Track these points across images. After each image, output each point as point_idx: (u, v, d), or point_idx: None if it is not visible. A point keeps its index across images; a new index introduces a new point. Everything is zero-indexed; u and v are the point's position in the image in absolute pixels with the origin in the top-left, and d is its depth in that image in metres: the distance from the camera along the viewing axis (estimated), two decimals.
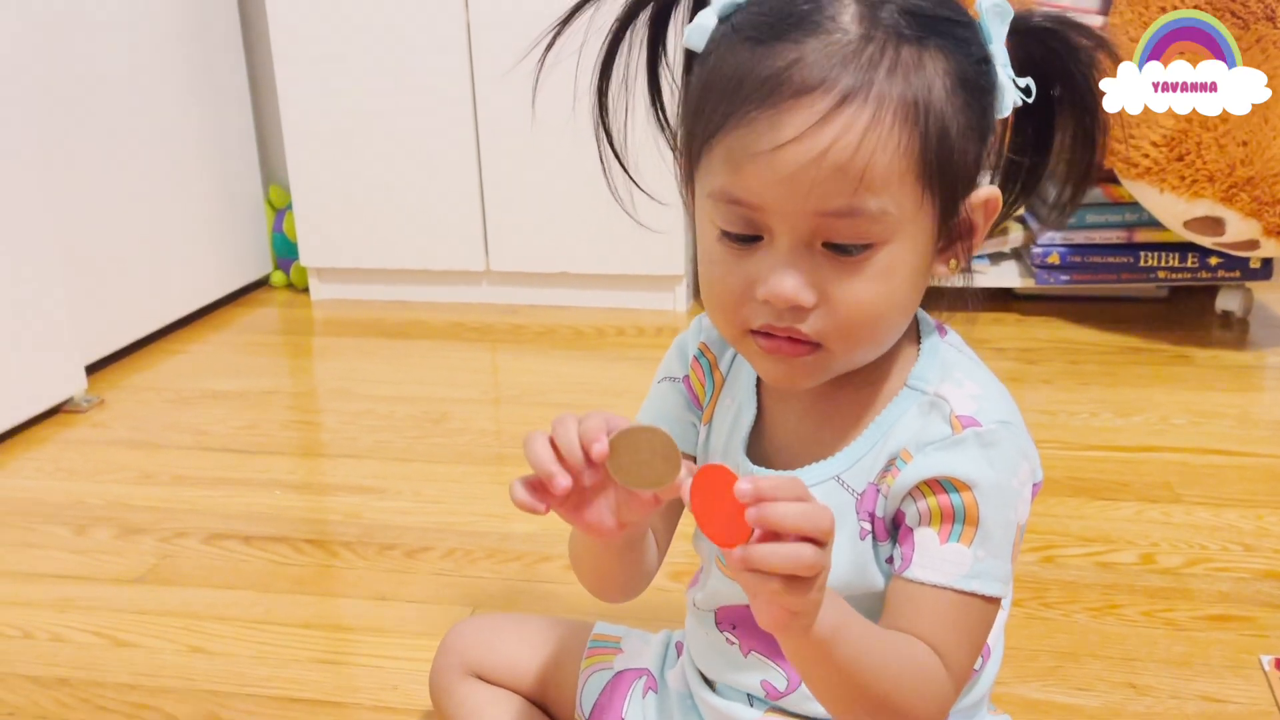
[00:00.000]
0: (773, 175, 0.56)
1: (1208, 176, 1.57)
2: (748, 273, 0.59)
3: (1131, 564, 1.14)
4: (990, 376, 0.66)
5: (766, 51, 0.56)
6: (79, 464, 1.45)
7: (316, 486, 1.40)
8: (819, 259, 0.58)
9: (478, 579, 1.15)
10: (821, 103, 0.55)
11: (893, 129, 0.55)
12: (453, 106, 1.93)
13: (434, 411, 1.58)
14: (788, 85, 0.55)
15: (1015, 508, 0.62)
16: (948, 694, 0.61)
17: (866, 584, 0.65)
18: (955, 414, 0.62)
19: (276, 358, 1.91)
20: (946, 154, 0.57)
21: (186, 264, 1.98)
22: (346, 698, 0.97)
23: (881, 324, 0.61)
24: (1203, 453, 1.38)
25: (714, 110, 0.58)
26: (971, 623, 0.62)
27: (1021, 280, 1.88)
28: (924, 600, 0.61)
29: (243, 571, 1.18)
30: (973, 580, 0.61)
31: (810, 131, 0.55)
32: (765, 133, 0.56)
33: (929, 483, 0.61)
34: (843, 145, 0.55)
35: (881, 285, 0.58)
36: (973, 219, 0.62)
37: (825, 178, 0.55)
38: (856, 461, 0.65)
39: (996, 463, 0.61)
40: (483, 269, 2.03)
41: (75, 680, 1.00)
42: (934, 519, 0.61)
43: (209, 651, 1.04)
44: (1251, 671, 0.96)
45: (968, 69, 0.58)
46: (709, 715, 0.73)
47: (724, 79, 0.58)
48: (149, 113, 1.88)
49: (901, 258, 0.58)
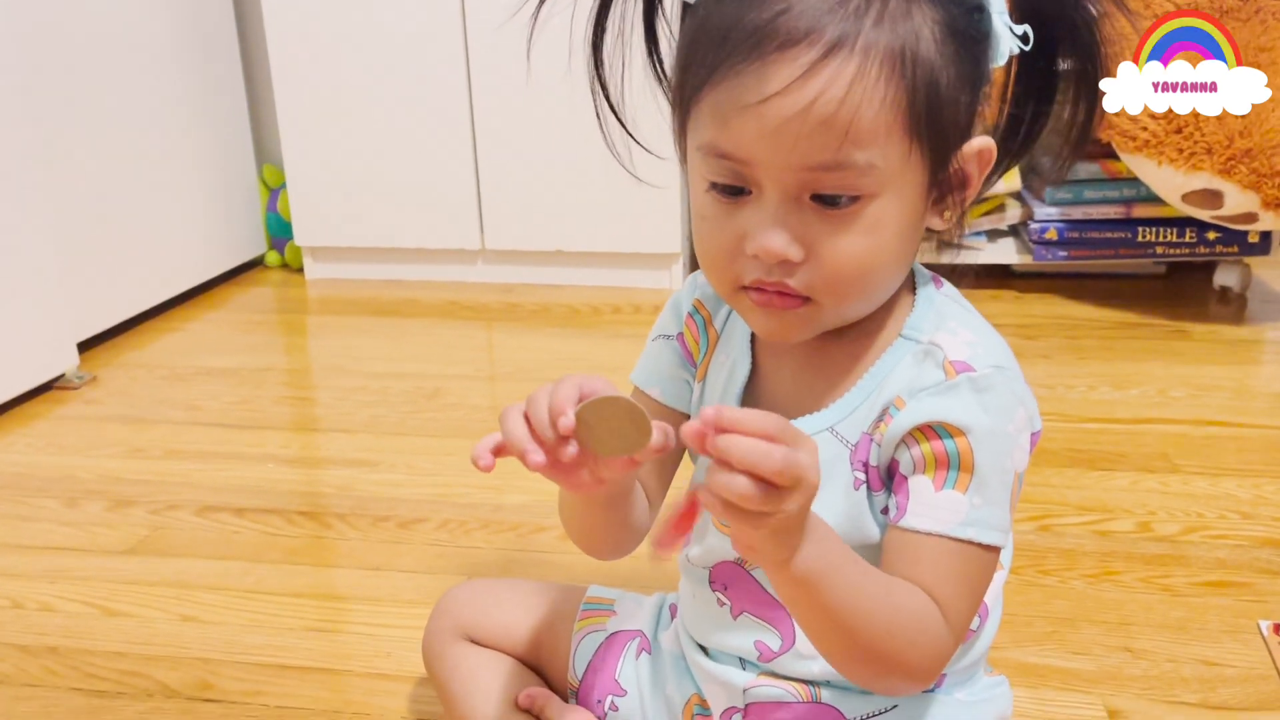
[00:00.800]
0: (759, 128, 0.55)
1: (1206, 149, 1.56)
2: (738, 227, 0.59)
3: (1129, 532, 1.13)
4: (986, 325, 0.65)
5: (754, 2, 0.55)
6: (70, 439, 1.45)
7: (309, 460, 1.40)
8: (807, 213, 0.57)
9: (472, 549, 1.14)
10: (807, 54, 0.54)
11: (879, 81, 0.54)
12: (447, 85, 1.92)
13: (428, 387, 1.57)
14: (773, 37, 0.54)
15: (1011, 455, 0.61)
16: (945, 646, 0.60)
17: (861, 535, 0.64)
18: (949, 359, 0.61)
19: (270, 335, 1.90)
20: (936, 105, 0.56)
21: (180, 243, 1.97)
22: (339, 665, 0.96)
23: (871, 277, 0.60)
24: (1200, 424, 1.37)
25: (702, 62, 0.57)
26: (969, 572, 0.61)
27: (1019, 257, 1.87)
28: (920, 549, 0.60)
29: (234, 543, 1.17)
30: (969, 528, 0.60)
31: (796, 84, 0.54)
32: (752, 85, 0.55)
33: (922, 428, 0.60)
34: (828, 98, 0.54)
35: (870, 238, 0.58)
36: (966, 170, 0.61)
37: (811, 131, 0.54)
38: (851, 413, 0.64)
39: (991, 408, 0.60)
40: (478, 248, 2.02)
41: (65, 649, 0.99)
42: (928, 466, 0.60)
43: (200, 620, 1.03)
44: (1249, 636, 0.96)
45: (959, 18, 0.57)
46: (701, 678, 0.72)
47: (712, 30, 0.57)
48: (143, 91, 1.86)
49: (890, 210, 0.58)
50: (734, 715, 0.70)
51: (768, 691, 0.68)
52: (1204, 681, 0.90)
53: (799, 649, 0.67)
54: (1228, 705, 0.87)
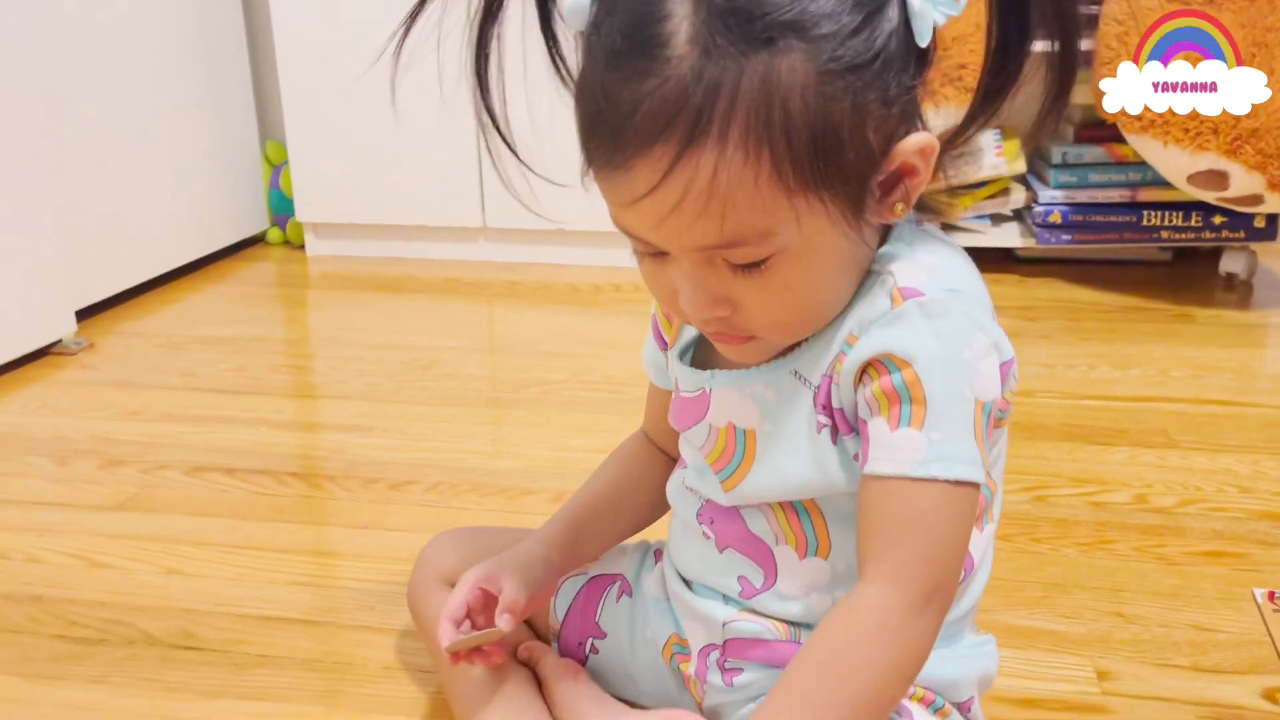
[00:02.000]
0: (640, 223, 0.55)
1: (1212, 129, 1.54)
2: (669, 282, 0.59)
3: (1124, 503, 1.12)
4: (959, 254, 0.62)
5: (612, 86, 0.53)
6: (64, 402, 1.44)
7: (303, 425, 1.39)
8: (723, 273, 0.57)
9: (461, 510, 1.14)
10: (664, 156, 0.52)
11: (745, 164, 0.51)
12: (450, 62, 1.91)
13: (424, 358, 1.57)
14: (629, 141, 0.52)
15: (970, 382, 0.56)
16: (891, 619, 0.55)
17: (830, 482, 0.62)
18: (898, 285, 0.58)
19: (269, 308, 1.90)
20: (825, 154, 0.53)
21: (182, 217, 1.97)
22: (323, 617, 0.96)
23: (810, 310, 0.59)
24: (1201, 403, 1.36)
25: (582, 145, 0.56)
26: (929, 511, 0.56)
27: (1023, 240, 1.86)
28: (884, 496, 0.57)
29: (223, 501, 1.17)
30: (932, 464, 0.56)
31: (659, 187, 0.52)
32: (622, 188, 0.54)
33: (871, 364, 0.57)
34: (695, 194, 0.52)
35: (793, 288, 0.57)
36: (908, 163, 0.57)
37: (689, 223, 0.53)
38: (809, 351, 0.61)
39: (944, 334, 0.56)
40: (479, 226, 2.02)
41: (49, 598, 0.99)
42: (881, 406, 0.57)
43: (185, 573, 1.03)
44: (1243, 604, 0.94)
45: (841, 50, 0.52)
46: (684, 613, 0.72)
47: (583, 112, 0.56)
48: (148, 65, 1.87)
49: (808, 256, 0.56)
50: (712, 652, 0.69)
51: (747, 627, 0.67)
52: (1195, 646, 0.89)
53: (780, 589, 0.66)
54: (1219, 668, 0.86)
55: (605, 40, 0.54)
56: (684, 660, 0.72)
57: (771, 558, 0.66)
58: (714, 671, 0.69)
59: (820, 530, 0.64)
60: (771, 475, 0.63)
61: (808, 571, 0.65)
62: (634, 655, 0.75)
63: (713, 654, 0.69)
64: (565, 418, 1.35)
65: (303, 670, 0.88)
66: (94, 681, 0.87)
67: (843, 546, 0.64)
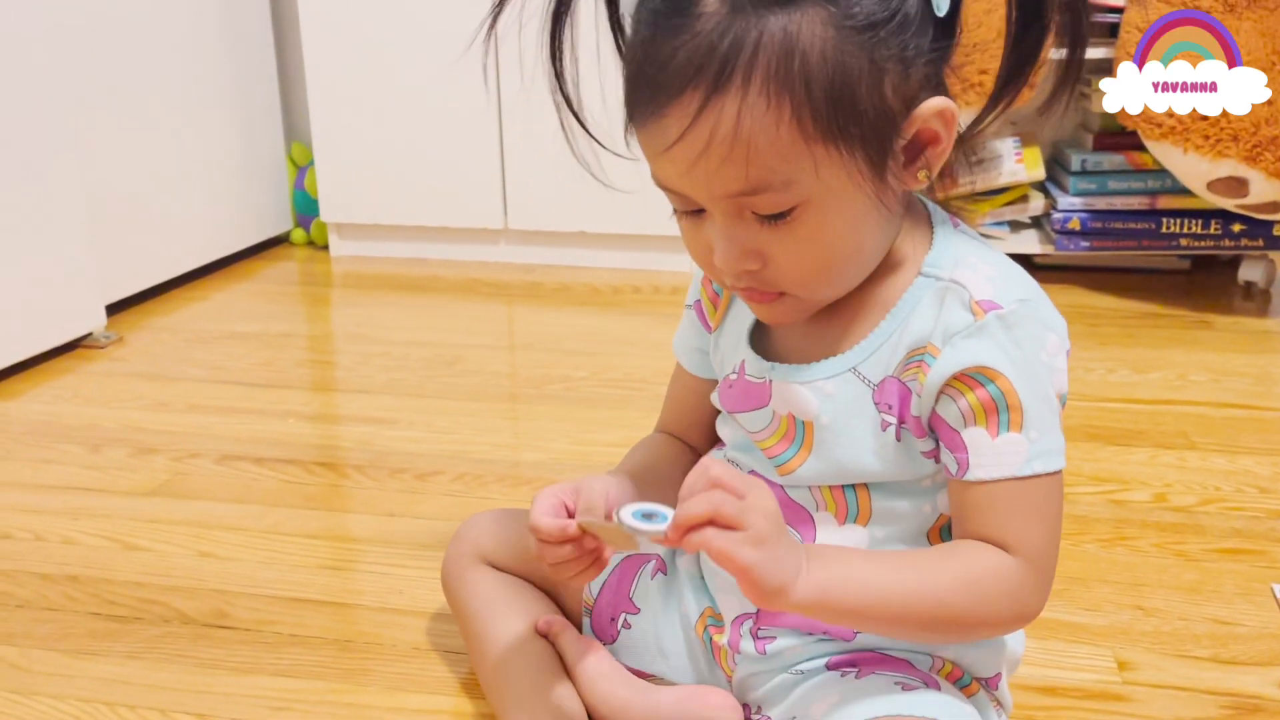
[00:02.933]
0: (674, 170, 0.59)
1: (1232, 136, 1.55)
2: (705, 240, 0.62)
3: (1144, 502, 1.13)
4: (1004, 258, 0.65)
5: (650, 44, 0.58)
6: (96, 392, 1.47)
7: (329, 417, 1.41)
8: (752, 226, 0.60)
9: (487, 499, 1.15)
10: (693, 102, 0.56)
11: (767, 110, 0.55)
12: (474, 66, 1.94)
13: (448, 355, 1.59)
14: (663, 89, 0.57)
15: (1050, 381, 0.62)
16: (1028, 583, 0.62)
17: (890, 472, 0.65)
18: (975, 299, 0.62)
19: (294, 306, 1.92)
20: (845, 106, 0.56)
21: (208, 215, 2.00)
22: (351, 599, 0.97)
23: (836, 267, 0.62)
24: (1221, 406, 1.37)
25: (626, 102, 0.61)
26: (1043, 503, 0.62)
27: (1041, 247, 1.87)
28: (990, 498, 0.62)
29: (253, 489, 1.19)
30: (1034, 462, 0.61)
31: (689, 130, 0.57)
32: (656, 136, 0.58)
33: (961, 378, 0.61)
34: (720, 138, 0.56)
35: (818, 240, 0.60)
36: (930, 129, 0.60)
37: (715, 168, 0.57)
38: (873, 353, 0.65)
39: (1024, 342, 0.61)
40: (501, 227, 2.04)
41: (85, 578, 1.01)
42: (978, 416, 0.61)
43: (218, 556, 1.05)
44: (1263, 599, 0.95)
45: (857, 8, 0.56)
46: (717, 586, 0.73)
47: (627, 72, 0.61)
48: (177, 67, 1.90)
49: (831, 209, 0.59)
50: (746, 620, 0.71)
51: None
52: (1215, 638, 0.90)
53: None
54: (1238, 660, 0.87)
55: (649, 4, 0.59)
56: (718, 632, 0.73)
57: (811, 523, 0.68)
58: (747, 640, 0.70)
59: (863, 499, 0.67)
60: (828, 466, 0.66)
61: (845, 537, 0.67)
62: (667, 630, 0.76)
63: (746, 623, 0.71)
64: (587, 413, 1.37)
65: (333, 650, 0.90)
66: (130, 657, 0.89)
67: (882, 515, 0.67)
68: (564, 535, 0.64)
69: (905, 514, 0.67)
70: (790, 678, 0.70)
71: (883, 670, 0.67)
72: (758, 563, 0.55)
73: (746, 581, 0.56)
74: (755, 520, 0.55)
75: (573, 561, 0.65)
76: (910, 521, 0.67)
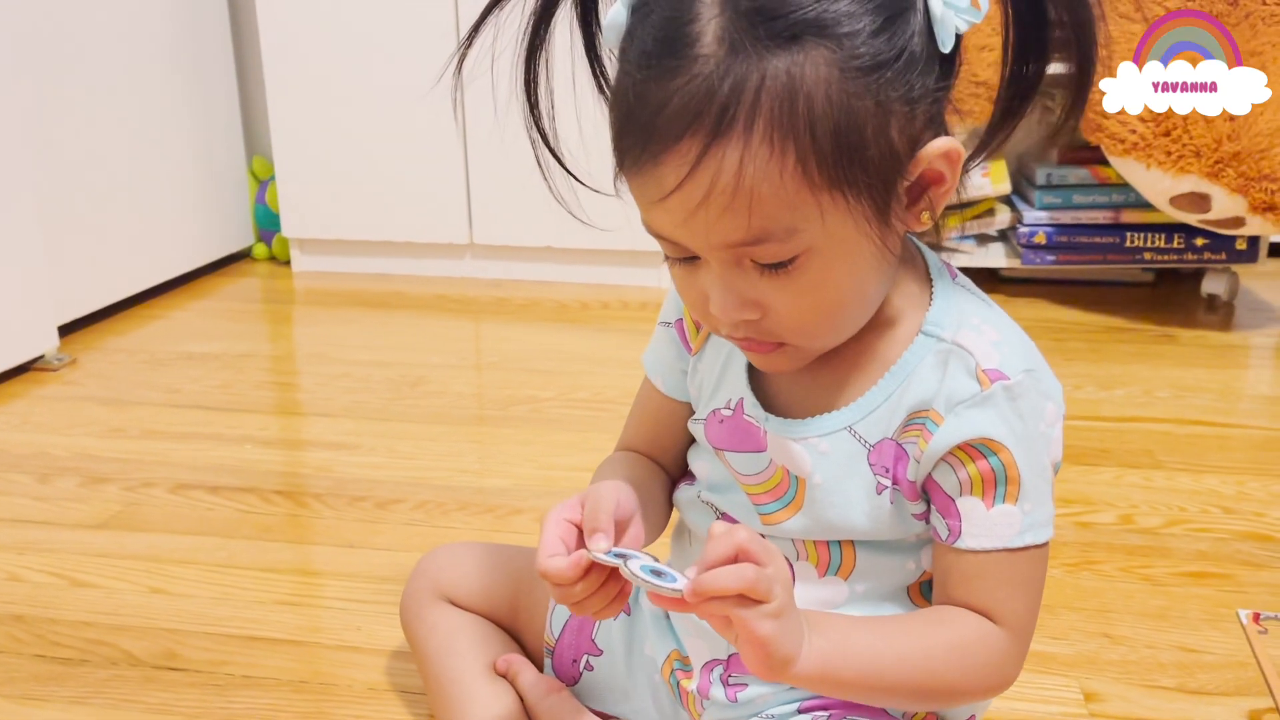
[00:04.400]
0: (670, 220, 0.56)
1: (1194, 151, 1.56)
2: (700, 287, 0.60)
3: (1110, 524, 1.12)
4: (1005, 318, 0.64)
5: (643, 86, 0.54)
6: (47, 418, 1.43)
7: (288, 442, 1.38)
8: (751, 275, 0.57)
9: (449, 529, 1.13)
10: (691, 150, 0.53)
11: (771, 157, 0.53)
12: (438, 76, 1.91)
13: (411, 375, 1.56)
14: (659, 136, 0.54)
15: (1048, 452, 0.62)
16: (1007, 655, 0.61)
17: (879, 531, 0.64)
18: (981, 367, 0.60)
19: (255, 324, 1.89)
20: (849, 151, 0.54)
21: (166, 232, 1.96)
22: (309, 637, 0.95)
23: (836, 316, 0.60)
24: (1185, 423, 1.37)
25: (615, 147, 0.58)
26: (1030, 573, 0.62)
27: (1007, 261, 1.87)
28: (979, 567, 0.61)
29: (208, 519, 1.16)
30: (1025, 535, 0.60)
31: (686, 180, 0.54)
32: (651, 184, 0.55)
33: (964, 448, 0.60)
34: (721, 187, 0.53)
35: (820, 290, 0.58)
36: (935, 170, 0.58)
37: (716, 218, 0.54)
38: (871, 412, 0.63)
39: (1026, 414, 0.60)
40: (466, 242, 2.02)
41: (30, 617, 0.98)
42: (975, 487, 0.60)
43: (169, 593, 1.02)
44: (1229, 625, 0.95)
45: (863, 48, 0.53)
46: (686, 629, 0.71)
47: (616, 116, 0.57)
48: (134, 79, 1.86)
49: (833, 258, 0.57)
50: (716, 667, 0.69)
51: None
52: (1182, 667, 0.89)
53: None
54: (1205, 690, 0.86)
55: (638, 45, 0.56)
56: (685, 677, 0.71)
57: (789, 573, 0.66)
58: (717, 686, 0.69)
59: (847, 554, 0.65)
60: (816, 524, 0.65)
61: (825, 590, 0.65)
62: (631, 673, 0.75)
63: (716, 669, 0.69)
64: (553, 436, 1.35)
65: (287, 691, 0.87)
66: (75, 703, 0.86)
67: (865, 570, 0.65)
68: (580, 572, 0.59)
69: (888, 569, 0.66)
70: None
71: (855, 715, 0.66)
72: (773, 636, 0.54)
73: (760, 654, 0.54)
74: (777, 592, 0.54)
75: (595, 596, 0.61)
76: (893, 577, 0.66)
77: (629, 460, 0.75)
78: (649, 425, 0.76)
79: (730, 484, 0.68)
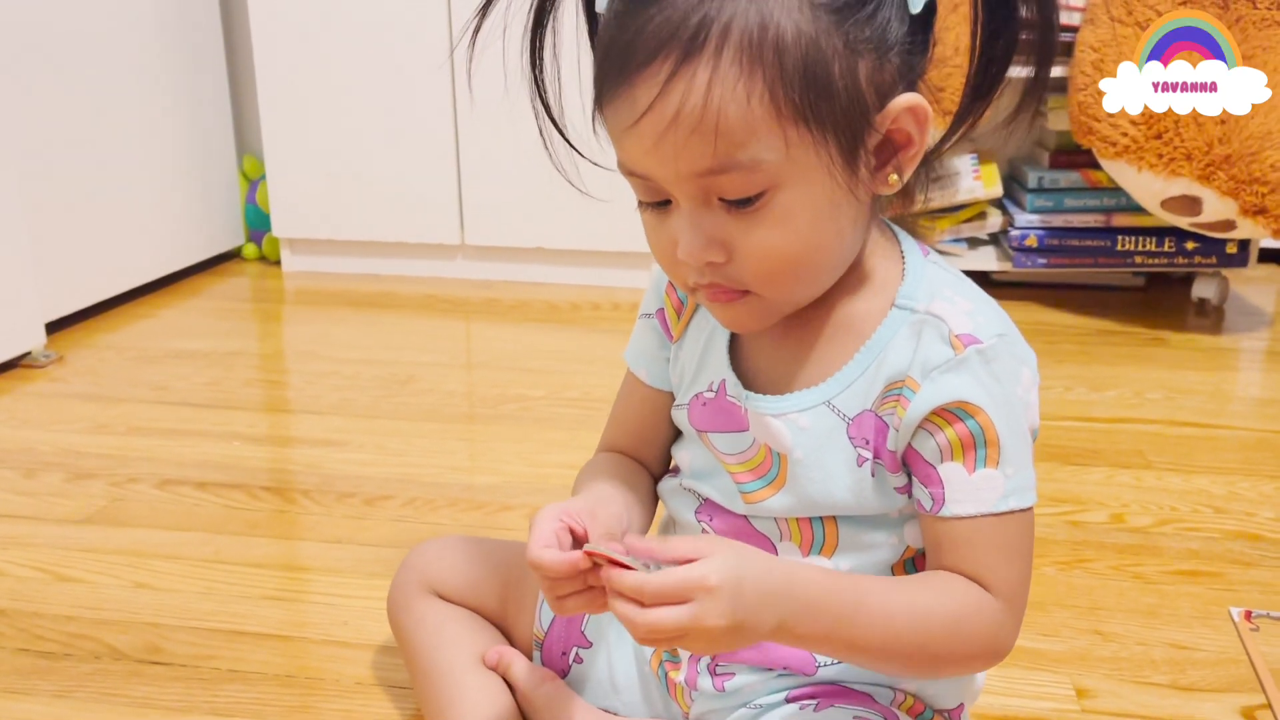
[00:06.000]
0: (641, 147, 0.57)
1: (1185, 155, 1.56)
2: (669, 235, 0.60)
3: (1101, 523, 1.12)
4: (977, 290, 0.64)
5: (624, 18, 0.56)
6: (32, 414, 1.42)
7: (276, 439, 1.37)
8: (719, 214, 0.58)
9: (437, 525, 1.12)
10: (663, 70, 0.54)
11: (738, 81, 0.54)
12: (430, 79, 1.92)
13: (401, 374, 1.56)
14: (634, 56, 0.55)
15: (1025, 416, 0.61)
16: (1001, 621, 0.61)
17: (867, 507, 0.64)
18: (955, 333, 0.60)
19: (244, 323, 1.88)
20: (819, 85, 0.54)
21: (157, 231, 1.95)
22: (295, 632, 0.94)
23: (801, 264, 0.60)
24: (1176, 424, 1.37)
25: (595, 82, 0.59)
26: (1016, 538, 0.61)
27: (999, 264, 1.88)
28: (965, 533, 0.61)
29: (194, 515, 1.15)
30: (1009, 499, 0.60)
31: (658, 100, 0.55)
32: (625, 107, 0.56)
33: (940, 413, 0.60)
34: (690, 108, 0.54)
35: (785, 229, 0.58)
36: (902, 129, 0.58)
37: (684, 141, 0.55)
38: (848, 386, 0.63)
39: (1001, 377, 0.60)
40: (458, 243, 2.01)
41: (12, 611, 0.97)
42: (955, 452, 0.60)
43: (154, 587, 1.01)
44: (1220, 623, 0.94)
45: None
46: None
47: (600, 49, 0.59)
48: (126, 79, 1.85)
49: (800, 198, 0.57)
50: (703, 657, 0.69)
51: None
52: (1174, 664, 0.89)
53: None
54: (1197, 686, 0.86)
55: None
56: (674, 668, 0.71)
57: (774, 553, 0.66)
58: (705, 677, 0.68)
59: (830, 531, 0.65)
60: (799, 500, 0.64)
61: None
62: (620, 664, 0.74)
63: (703, 659, 0.68)
64: (543, 434, 1.35)
65: (274, 686, 0.87)
66: (58, 696, 0.85)
67: (849, 546, 0.65)
68: (574, 570, 0.58)
69: (871, 546, 0.65)
70: (748, 712, 0.68)
71: (842, 703, 0.65)
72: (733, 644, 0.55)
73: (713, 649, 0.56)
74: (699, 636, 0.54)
75: (581, 596, 0.60)
76: (877, 553, 0.66)
77: (611, 462, 0.74)
78: (633, 420, 0.75)
79: (714, 468, 0.68)
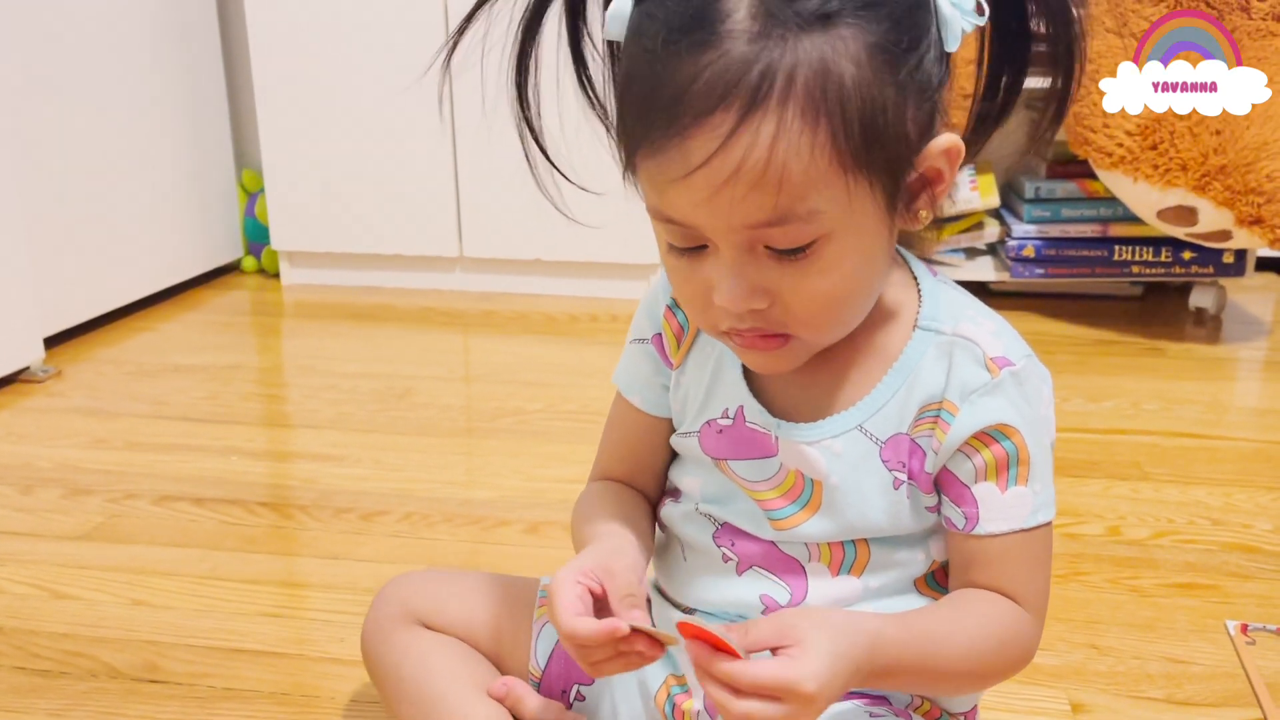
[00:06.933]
0: (692, 199, 0.55)
1: (1181, 165, 1.57)
2: (704, 279, 0.58)
3: (1098, 535, 1.12)
4: (992, 311, 0.65)
5: (669, 62, 0.53)
6: (30, 429, 1.42)
7: (274, 454, 1.38)
8: (764, 261, 0.57)
9: (434, 541, 1.12)
10: (724, 122, 0.52)
11: (802, 133, 0.52)
12: (428, 92, 1.92)
13: (399, 387, 1.56)
14: (688, 108, 0.53)
15: (1048, 433, 0.63)
16: (1031, 633, 0.63)
17: (900, 528, 0.65)
18: (989, 356, 0.62)
19: (243, 336, 1.88)
20: (874, 134, 0.54)
21: (155, 244, 1.96)
22: (292, 649, 0.94)
23: (845, 306, 0.60)
24: (1172, 435, 1.37)
25: (631, 131, 0.57)
26: (1041, 551, 0.64)
27: (996, 274, 1.88)
28: (997, 551, 0.62)
29: (192, 531, 1.15)
30: (1037, 514, 0.62)
31: (717, 154, 0.53)
32: (676, 160, 0.54)
33: (979, 436, 0.61)
34: (753, 162, 0.52)
35: (832, 277, 0.57)
36: (934, 168, 0.58)
37: (743, 195, 0.53)
38: (879, 409, 0.63)
39: (1031, 398, 0.62)
40: (456, 255, 2.02)
41: (9, 629, 0.97)
42: (989, 472, 0.62)
43: (151, 605, 1.01)
44: (1216, 636, 0.94)
45: (889, 33, 0.54)
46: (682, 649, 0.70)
47: (635, 94, 0.56)
48: (124, 93, 1.86)
49: (848, 245, 0.56)
50: None
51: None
52: (1170, 678, 0.89)
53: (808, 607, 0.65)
54: (1193, 701, 0.86)
55: (660, 26, 0.55)
56: (684, 698, 0.69)
57: (802, 575, 0.66)
58: None
59: (862, 551, 0.65)
60: (836, 525, 0.64)
61: (838, 587, 0.65)
62: (623, 700, 0.73)
63: None
64: (540, 448, 1.35)
65: (269, 704, 0.87)
66: (54, 715, 0.85)
67: (879, 564, 0.65)
68: (611, 639, 0.58)
69: (900, 563, 0.66)
70: None
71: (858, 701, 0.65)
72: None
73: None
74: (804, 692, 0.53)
75: (619, 659, 0.59)
76: (905, 570, 0.66)
77: (611, 497, 0.73)
78: (628, 447, 0.74)
79: (732, 493, 0.67)
